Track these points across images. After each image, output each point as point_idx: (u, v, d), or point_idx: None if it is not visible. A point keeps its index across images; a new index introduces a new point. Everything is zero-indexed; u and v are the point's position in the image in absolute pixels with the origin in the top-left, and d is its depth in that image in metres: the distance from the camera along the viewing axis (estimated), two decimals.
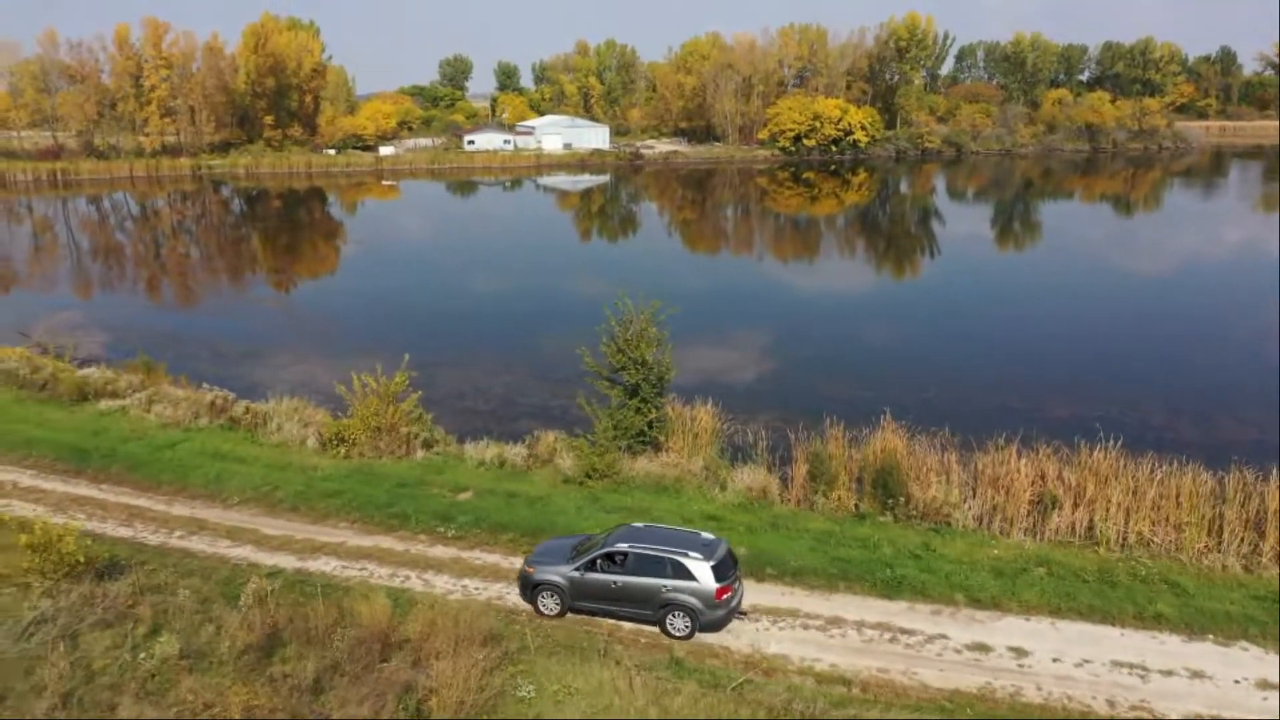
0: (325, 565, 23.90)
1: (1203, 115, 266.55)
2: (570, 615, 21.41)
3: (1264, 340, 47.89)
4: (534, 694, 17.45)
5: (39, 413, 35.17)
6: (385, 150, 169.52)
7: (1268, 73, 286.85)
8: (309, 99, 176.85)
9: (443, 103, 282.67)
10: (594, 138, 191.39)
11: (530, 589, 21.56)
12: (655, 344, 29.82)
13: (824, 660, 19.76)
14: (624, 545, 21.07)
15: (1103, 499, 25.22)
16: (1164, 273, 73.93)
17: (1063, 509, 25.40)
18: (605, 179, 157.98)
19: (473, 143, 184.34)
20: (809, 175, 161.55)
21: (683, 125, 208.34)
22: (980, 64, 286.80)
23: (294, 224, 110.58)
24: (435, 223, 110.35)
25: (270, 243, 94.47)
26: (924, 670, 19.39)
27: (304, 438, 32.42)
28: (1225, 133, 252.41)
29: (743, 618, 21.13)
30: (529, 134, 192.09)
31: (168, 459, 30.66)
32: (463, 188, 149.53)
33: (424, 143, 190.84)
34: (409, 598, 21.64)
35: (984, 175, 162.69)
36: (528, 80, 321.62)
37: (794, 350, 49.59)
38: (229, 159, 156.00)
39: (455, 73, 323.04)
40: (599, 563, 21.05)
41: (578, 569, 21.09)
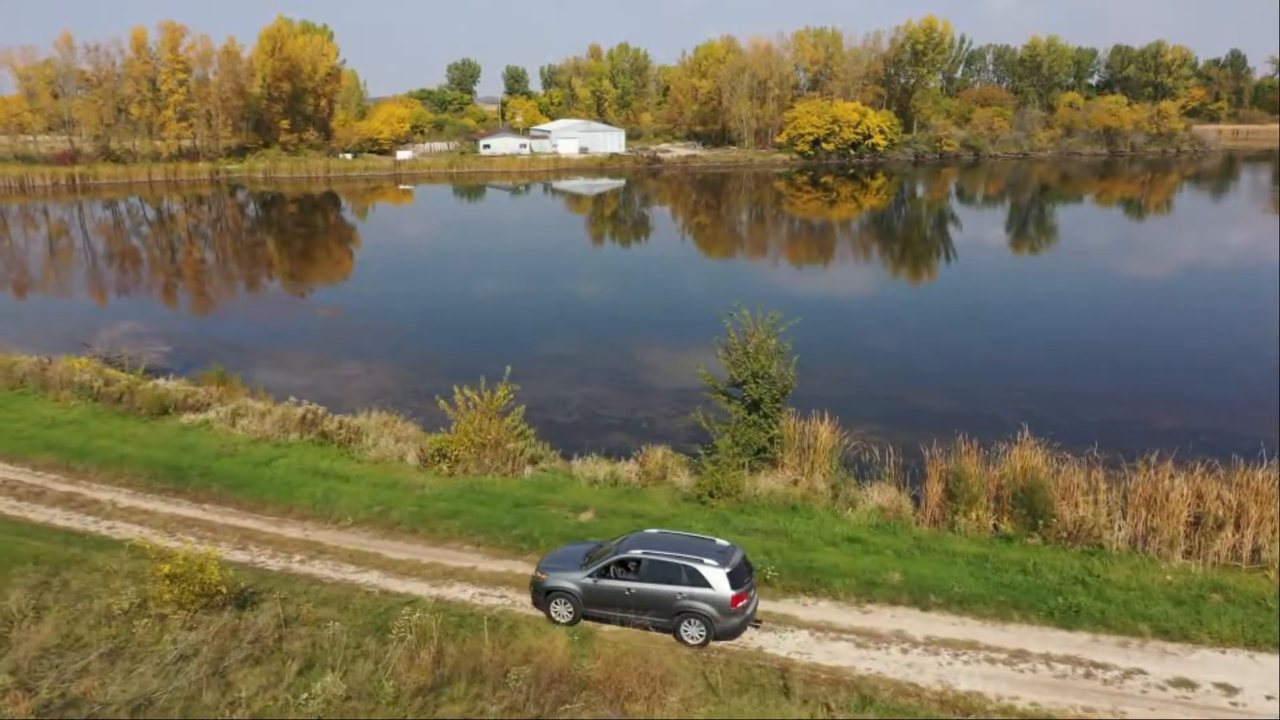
0: (462, 592, 22.74)
1: (1214, 119, 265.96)
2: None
3: None
4: None
5: (120, 427, 33.99)
6: (402, 154, 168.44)
7: (1278, 76, 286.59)
8: (324, 103, 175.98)
9: (451, 106, 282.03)
10: (609, 141, 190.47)
11: (543, 596, 21.20)
12: (776, 356, 28.70)
13: (1022, 698, 18.61)
14: (638, 551, 20.76)
15: (1267, 519, 24.10)
16: (1231, 273, 72.80)
17: (1224, 531, 24.28)
18: (625, 183, 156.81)
19: (488, 147, 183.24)
20: (827, 179, 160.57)
21: (697, 129, 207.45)
22: (990, 67, 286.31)
23: (323, 230, 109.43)
24: (466, 228, 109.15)
25: (305, 249, 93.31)
26: (1132, 709, 18.25)
27: (402, 454, 31.26)
28: (1238, 136, 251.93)
29: (758, 626, 20.76)
30: (544, 138, 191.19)
31: (268, 477, 29.50)
32: (481, 192, 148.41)
33: (439, 146, 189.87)
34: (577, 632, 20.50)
35: (1005, 179, 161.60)
36: (536, 84, 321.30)
37: (866, 360, 48.48)
38: (246, 163, 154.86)
39: (463, 77, 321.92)
40: (613, 569, 20.75)
41: (591, 575, 20.77)
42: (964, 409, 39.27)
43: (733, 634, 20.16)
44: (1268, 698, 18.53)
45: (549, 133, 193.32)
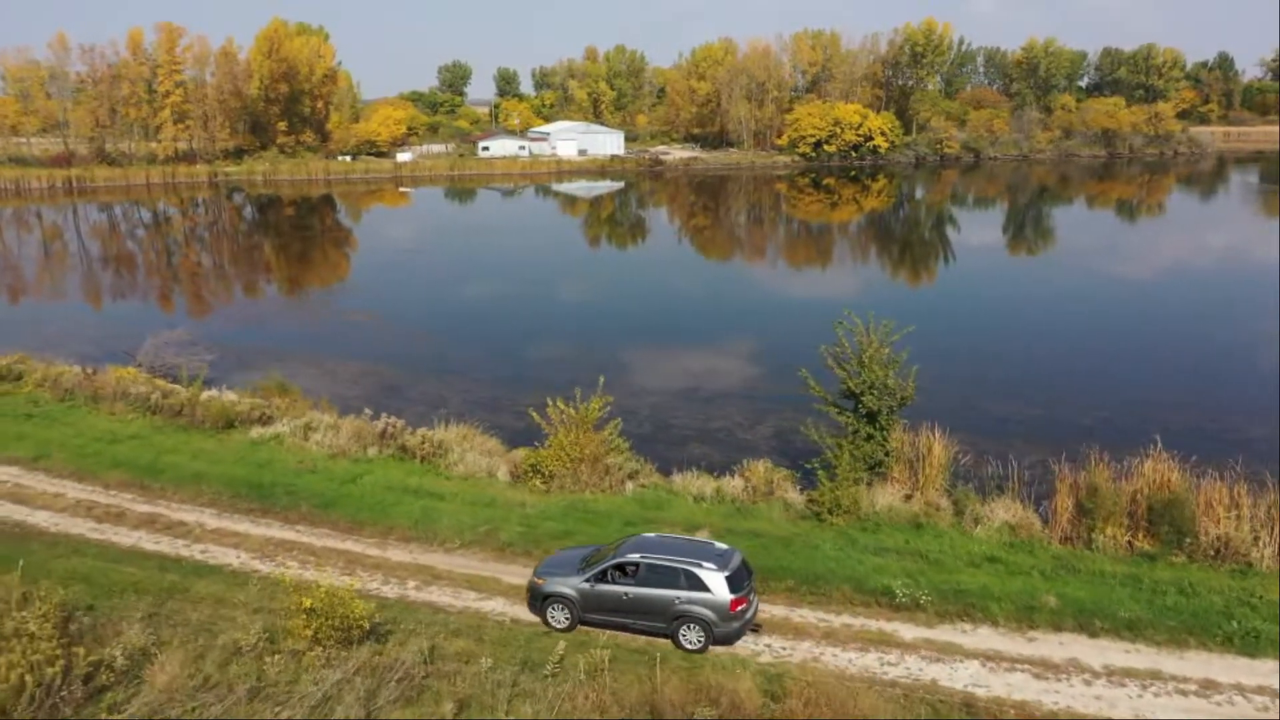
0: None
1: (1205, 121, 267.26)
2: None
3: None
4: None
5: (186, 442, 32.45)
6: (403, 156, 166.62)
7: (1268, 78, 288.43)
8: (321, 105, 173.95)
9: (442, 109, 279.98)
10: (608, 143, 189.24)
11: (540, 601, 20.94)
12: (892, 366, 27.57)
13: None
14: (635, 556, 20.53)
15: None
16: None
17: None
18: (627, 185, 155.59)
19: (487, 149, 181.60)
20: (829, 181, 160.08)
21: (695, 131, 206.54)
22: (980, 69, 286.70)
23: (335, 234, 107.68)
24: (478, 232, 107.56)
25: (323, 254, 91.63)
26: None
27: (492, 469, 29.91)
28: (1230, 138, 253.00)
29: (757, 631, 20.52)
30: (543, 140, 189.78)
31: (356, 495, 28.08)
32: (473, 195, 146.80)
33: (436, 148, 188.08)
34: (729, 660, 19.24)
35: (1006, 181, 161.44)
36: (527, 86, 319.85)
37: (933, 366, 47.37)
38: (245, 165, 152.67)
39: (454, 78, 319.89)
40: (610, 574, 20.51)
41: (588, 580, 20.50)
42: (1045, 416, 38.37)
43: (731, 639, 19.84)
44: None
45: (548, 135, 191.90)
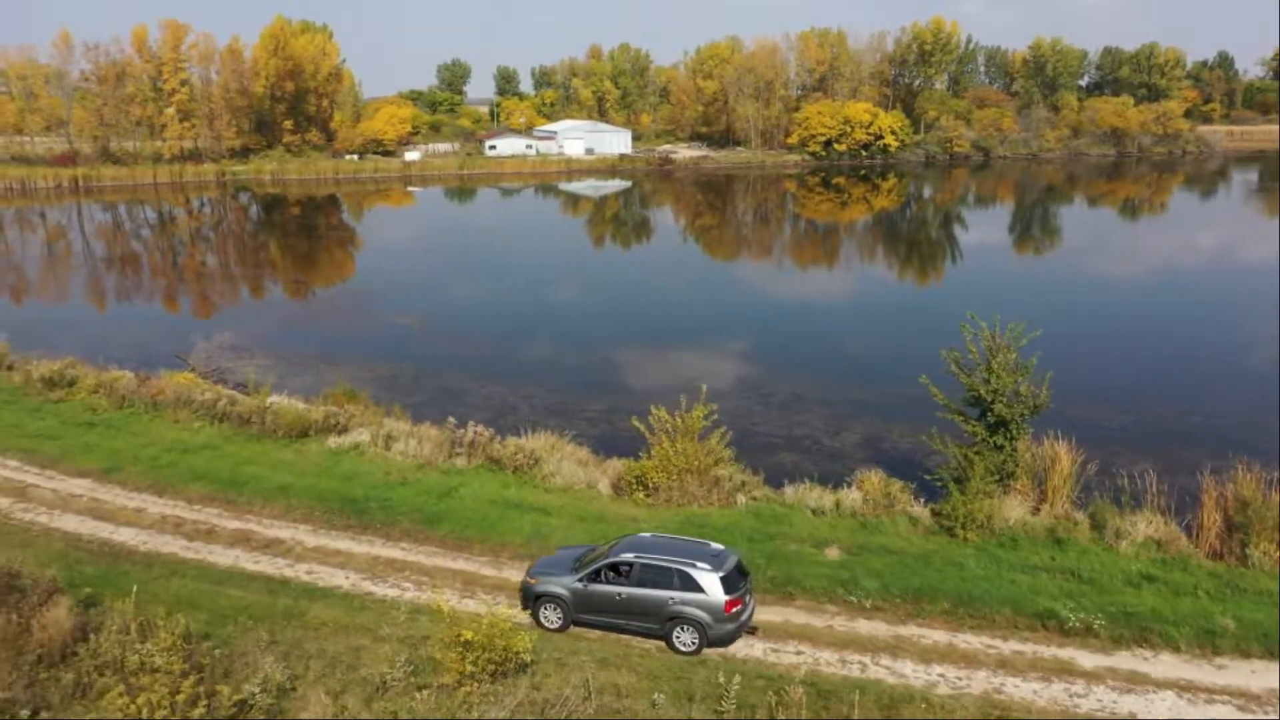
0: (748, 648, 20.02)
1: (1208, 120, 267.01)
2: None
3: None
4: None
5: (262, 453, 30.95)
6: (410, 155, 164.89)
7: (1268, 77, 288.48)
8: (326, 104, 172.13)
9: (441, 108, 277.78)
10: (615, 142, 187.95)
11: (532, 601, 20.70)
12: (1023, 372, 26.23)
13: None
14: (629, 555, 20.23)
15: None
16: None
17: None
18: (637, 184, 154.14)
19: (494, 148, 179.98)
20: (839, 180, 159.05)
21: (701, 130, 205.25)
22: (981, 69, 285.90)
23: (347, 233, 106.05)
24: (495, 233, 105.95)
25: (343, 254, 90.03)
26: None
27: (593, 481, 28.48)
28: (1233, 137, 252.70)
29: (753, 633, 20.13)
30: (550, 139, 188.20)
31: (456, 510, 26.61)
32: (484, 194, 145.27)
33: (442, 147, 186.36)
34: (905, 693, 17.89)
35: (1023, 180, 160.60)
36: (527, 85, 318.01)
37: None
38: (252, 165, 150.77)
39: (453, 77, 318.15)
40: (604, 574, 20.25)
41: (581, 580, 20.27)
42: (1141, 421, 37.17)
43: (726, 641, 19.48)
44: None
45: (555, 134, 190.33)
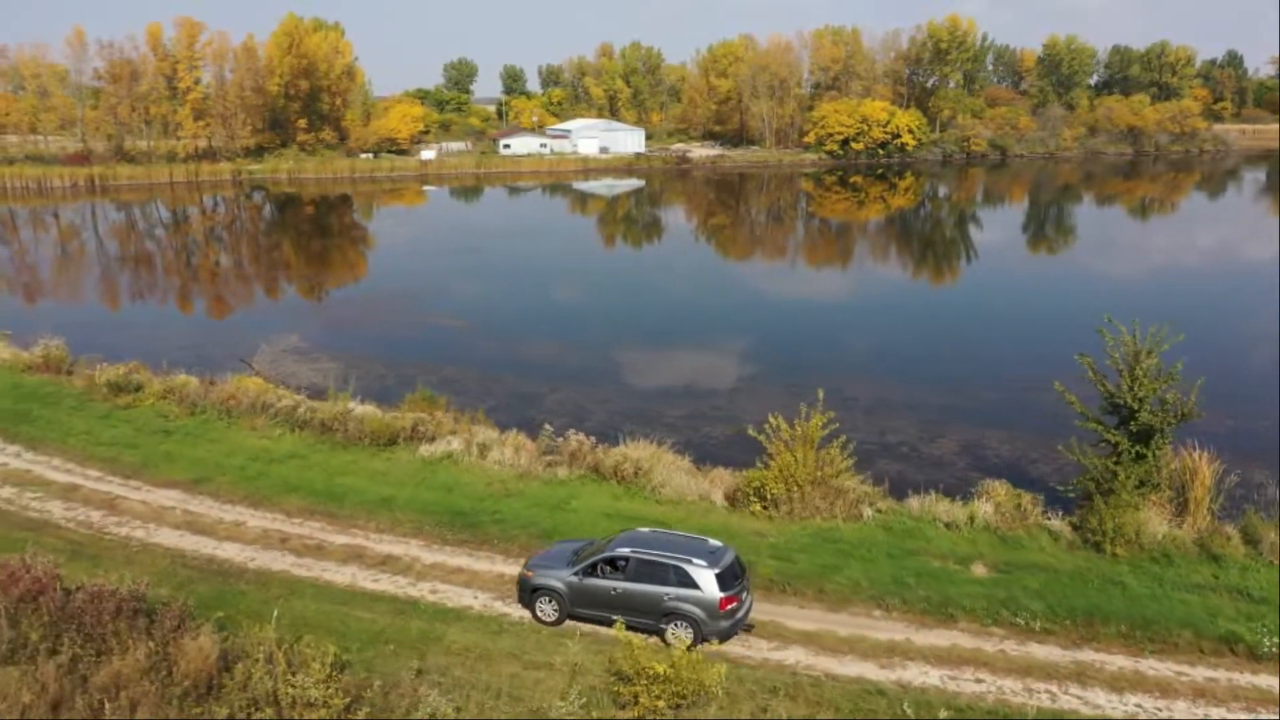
0: (924, 675, 18.83)
1: (1219, 119, 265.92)
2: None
3: None
4: None
5: (352, 462, 29.69)
6: (426, 154, 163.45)
7: (1277, 76, 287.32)
8: (339, 102, 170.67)
9: (449, 106, 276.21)
10: (630, 141, 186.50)
11: (528, 594, 20.71)
12: (1168, 380, 25.03)
13: None
14: (626, 550, 20.18)
15: None
16: None
17: None
18: (654, 183, 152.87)
19: (508, 147, 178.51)
20: (856, 179, 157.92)
21: (715, 129, 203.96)
22: (989, 67, 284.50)
23: (359, 233, 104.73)
24: (518, 232, 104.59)
25: (379, 256, 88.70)
26: None
27: (705, 493, 27.25)
28: (1245, 136, 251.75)
29: (749, 630, 20.03)
30: (564, 138, 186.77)
31: (574, 524, 25.36)
32: (490, 193, 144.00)
33: (456, 146, 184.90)
34: None
35: (1040, 178, 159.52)
36: (533, 84, 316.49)
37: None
38: (269, 164, 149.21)
39: (460, 76, 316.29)
40: (600, 568, 20.21)
41: (577, 574, 20.24)
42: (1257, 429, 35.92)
43: (722, 637, 19.31)
44: None
45: (569, 132, 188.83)
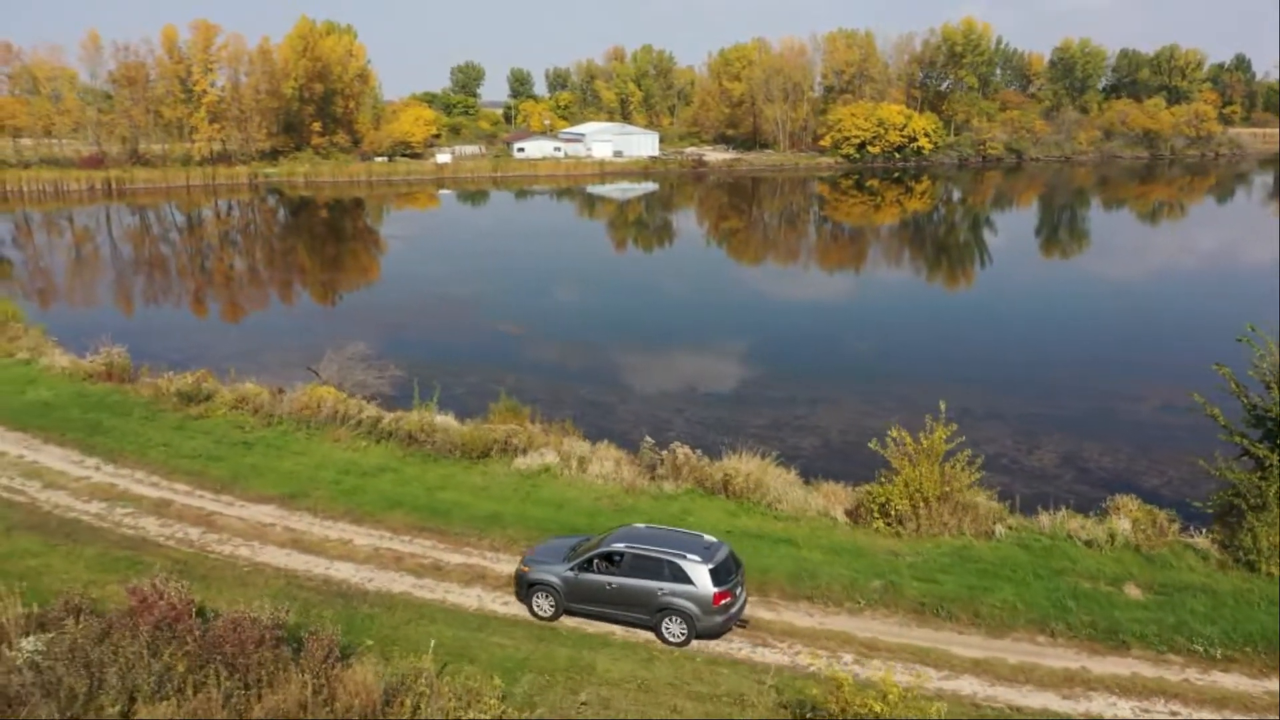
0: (1116, 709, 17.83)
1: (1229, 122, 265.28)
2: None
3: None
4: None
5: (449, 476, 28.60)
6: (442, 157, 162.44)
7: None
8: (352, 105, 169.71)
9: (456, 109, 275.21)
10: (644, 145, 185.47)
11: (525, 589, 20.89)
12: None
13: None
14: (621, 545, 20.39)
15: None
16: None
17: None
18: (670, 187, 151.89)
19: (523, 150, 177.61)
20: (872, 183, 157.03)
21: (728, 132, 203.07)
22: (997, 71, 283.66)
23: (373, 238, 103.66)
24: (544, 234, 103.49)
25: (413, 260, 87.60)
26: None
27: (823, 508, 26.18)
28: (1256, 140, 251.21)
29: (743, 626, 20.24)
30: (578, 141, 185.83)
31: None
32: (496, 196, 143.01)
33: (469, 149, 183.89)
34: None
35: (1055, 181, 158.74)
36: (540, 87, 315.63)
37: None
38: (284, 167, 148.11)
39: (467, 79, 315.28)
40: (595, 563, 20.40)
41: (573, 569, 20.40)
42: None
43: (715, 633, 19.64)
44: None
45: (583, 136, 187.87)
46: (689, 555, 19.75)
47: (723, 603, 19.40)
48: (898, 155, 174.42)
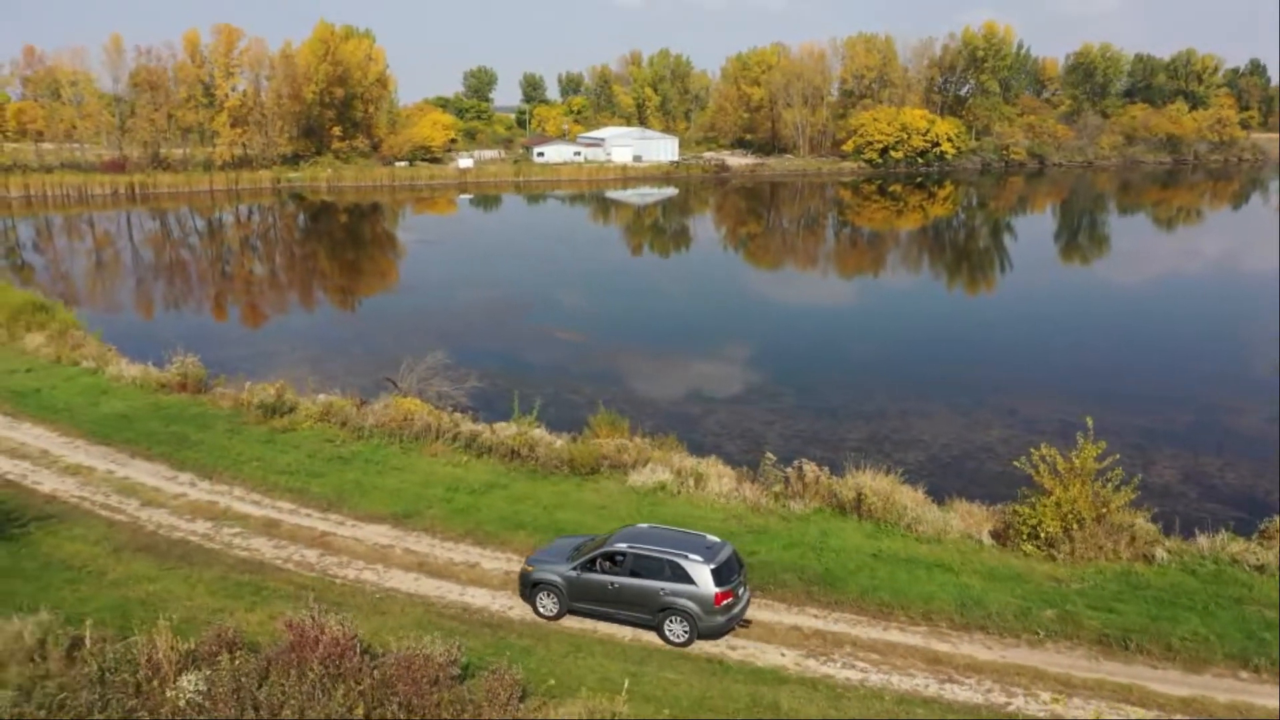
0: None
1: (1245, 127, 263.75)
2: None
3: None
4: None
5: (563, 494, 27.37)
6: (464, 162, 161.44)
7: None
8: (371, 109, 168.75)
9: (469, 114, 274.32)
10: (664, 149, 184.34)
11: (529, 588, 20.91)
12: None
13: None
14: (623, 545, 20.34)
15: None
16: None
17: None
18: (690, 191, 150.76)
19: (542, 155, 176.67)
20: (895, 188, 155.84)
21: (746, 137, 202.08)
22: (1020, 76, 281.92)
23: (386, 242, 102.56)
24: (574, 240, 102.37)
25: (452, 265, 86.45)
26: None
27: (968, 530, 24.90)
28: (1272, 144, 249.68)
29: (745, 626, 20.18)
30: (597, 145, 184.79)
31: (843, 567, 22.99)
32: (509, 200, 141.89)
33: (488, 154, 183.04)
34: None
35: (1077, 186, 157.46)
36: (553, 92, 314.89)
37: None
38: (306, 171, 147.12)
39: (480, 84, 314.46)
40: (598, 563, 20.36)
41: (575, 568, 20.40)
42: None
43: (717, 633, 19.59)
44: None
45: (602, 140, 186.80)
46: (691, 555, 19.67)
47: (724, 603, 19.35)
48: (921, 160, 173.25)
